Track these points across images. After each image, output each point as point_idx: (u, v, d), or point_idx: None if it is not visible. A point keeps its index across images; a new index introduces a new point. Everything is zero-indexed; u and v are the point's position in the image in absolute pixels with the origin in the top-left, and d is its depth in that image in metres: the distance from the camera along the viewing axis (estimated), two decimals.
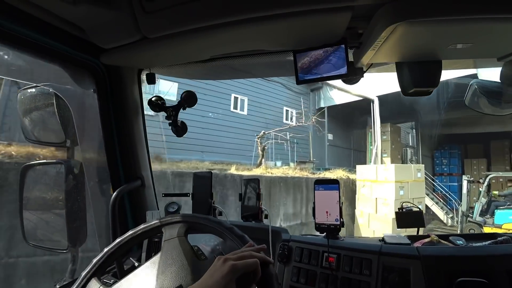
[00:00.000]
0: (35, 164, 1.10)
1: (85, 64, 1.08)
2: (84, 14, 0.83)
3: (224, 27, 0.82)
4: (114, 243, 0.75)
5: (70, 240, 1.03)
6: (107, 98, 1.19)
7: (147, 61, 1.12)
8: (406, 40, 0.76)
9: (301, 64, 0.97)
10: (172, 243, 0.72)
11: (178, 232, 0.74)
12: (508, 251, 0.90)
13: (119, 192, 1.16)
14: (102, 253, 0.73)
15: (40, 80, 1.08)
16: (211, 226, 0.75)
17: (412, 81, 0.91)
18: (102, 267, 0.72)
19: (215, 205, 1.30)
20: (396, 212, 1.19)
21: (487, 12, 0.63)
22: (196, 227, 0.76)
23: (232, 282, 0.56)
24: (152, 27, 0.85)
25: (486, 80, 1.01)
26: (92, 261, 0.72)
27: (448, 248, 1.05)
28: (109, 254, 0.73)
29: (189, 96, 1.20)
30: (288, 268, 1.07)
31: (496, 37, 0.76)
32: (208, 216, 0.78)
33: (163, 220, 0.76)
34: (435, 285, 0.85)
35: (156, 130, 2.62)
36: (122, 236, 0.76)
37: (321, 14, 0.75)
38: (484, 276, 0.82)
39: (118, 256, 0.77)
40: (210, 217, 0.77)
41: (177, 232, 0.74)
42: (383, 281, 0.92)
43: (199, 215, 0.80)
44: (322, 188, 1.11)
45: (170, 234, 0.74)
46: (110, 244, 0.76)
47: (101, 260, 0.72)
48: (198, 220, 0.76)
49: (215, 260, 0.60)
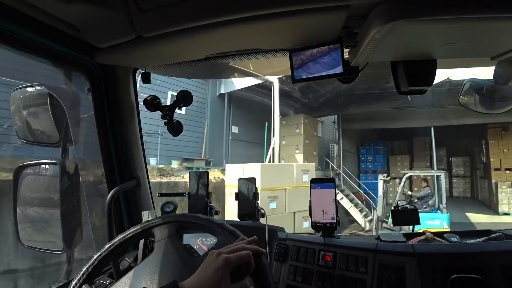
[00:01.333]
0: (29, 165, 1.08)
1: (79, 63, 1.07)
2: (78, 13, 0.82)
3: (220, 26, 0.81)
4: (104, 249, 0.74)
5: (65, 241, 1.02)
6: (102, 97, 1.18)
7: (142, 60, 1.12)
8: (401, 39, 0.77)
9: (297, 63, 0.97)
10: (164, 243, 0.73)
11: (169, 232, 0.74)
12: (502, 247, 0.91)
13: (115, 192, 1.15)
14: (92, 259, 0.72)
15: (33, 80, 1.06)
16: (202, 224, 0.75)
17: (407, 80, 0.91)
18: (93, 274, 0.71)
19: (211, 205, 1.30)
20: (392, 210, 1.20)
21: (481, 11, 0.64)
22: (187, 226, 0.77)
23: (226, 274, 0.57)
24: (147, 26, 0.85)
25: (480, 79, 1.02)
26: (82, 269, 0.71)
27: (443, 245, 1.06)
28: (100, 260, 0.72)
29: (185, 95, 1.20)
30: (285, 267, 1.08)
31: (489, 36, 0.76)
32: (197, 214, 0.79)
33: (152, 222, 0.76)
34: (430, 282, 0.86)
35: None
36: (111, 241, 0.75)
37: (316, 13, 0.76)
38: (478, 273, 0.83)
39: (109, 261, 0.76)
40: (200, 215, 0.77)
41: (168, 232, 0.74)
42: (379, 279, 0.93)
43: (189, 214, 0.80)
44: (318, 187, 1.11)
45: (161, 235, 0.74)
46: (102, 248, 0.75)
47: (91, 267, 0.71)
48: (188, 219, 0.77)
49: (208, 254, 0.60)
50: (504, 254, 0.87)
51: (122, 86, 1.21)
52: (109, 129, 1.22)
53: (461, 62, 1.18)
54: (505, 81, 0.97)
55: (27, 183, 1.09)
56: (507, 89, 0.98)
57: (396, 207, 1.20)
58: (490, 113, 1.06)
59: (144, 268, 0.70)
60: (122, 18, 0.82)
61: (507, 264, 0.84)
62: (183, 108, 1.57)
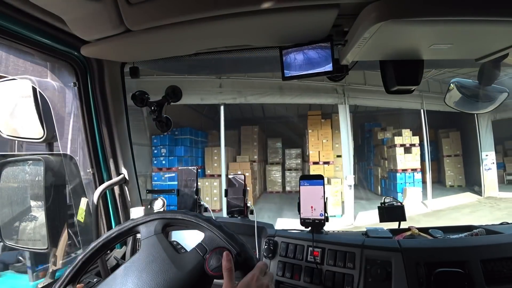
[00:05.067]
0: (12, 161, 1.05)
1: (65, 56, 1.04)
2: (64, 4, 0.79)
3: (210, 21, 0.81)
4: (88, 249, 0.72)
5: (50, 239, 1.00)
6: (88, 92, 1.15)
7: (130, 54, 1.10)
8: (390, 39, 0.78)
9: (287, 61, 0.97)
10: (150, 240, 0.72)
11: (155, 229, 0.73)
12: (482, 242, 0.96)
13: (102, 189, 1.13)
14: (76, 260, 0.71)
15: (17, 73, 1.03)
16: (188, 220, 0.75)
17: (395, 79, 0.93)
18: (77, 274, 0.70)
19: (200, 201, 1.30)
20: (379, 206, 1.23)
21: (466, 14, 0.66)
22: (174, 223, 0.76)
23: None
24: (136, 20, 0.83)
25: (465, 80, 1.05)
26: (65, 272, 0.69)
27: (427, 240, 1.09)
28: (84, 261, 0.71)
29: (173, 90, 1.18)
30: (274, 263, 1.09)
31: (474, 38, 0.79)
32: (185, 210, 0.78)
33: (138, 220, 0.75)
34: (415, 276, 0.89)
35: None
36: (96, 241, 0.73)
37: (307, 11, 0.76)
38: (461, 266, 0.87)
39: (94, 260, 0.74)
40: (187, 211, 0.77)
41: (154, 229, 0.73)
42: (366, 273, 0.95)
43: (176, 210, 0.80)
44: (307, 184, 1.12)
45: (147, 232, 0.73)
46: (87, 248, 0.73)
47: (75, 268, 0.70)
48: (175, 215, 0.76)
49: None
50: (484, 248, 0.91)
51: (110, 80, 1.18)
52: (95, 124, 1.19)
53: (447, 63, 1.21)
54: (489, 82, 1.00)
55: (9, 180, 1.06)
56: (491, 90, 1.02)
57: (383, 204, 1.22)
58: (475, 112, 1.09)
59: (130, 266, 0.70)
60: (110, 11, 0.80)
61: (487, 257, 0.88)
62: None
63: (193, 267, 0.67)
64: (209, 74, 5.92)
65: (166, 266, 0.68)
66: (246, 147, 9.81)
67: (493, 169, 8.87)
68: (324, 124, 8.75)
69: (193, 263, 0.68)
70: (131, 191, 1.30)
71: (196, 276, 0.67)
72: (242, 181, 1.34)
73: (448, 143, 10.27)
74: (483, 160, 8.84)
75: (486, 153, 8.89)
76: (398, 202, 1.23)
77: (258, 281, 0.65)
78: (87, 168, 1.20)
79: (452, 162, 10.17)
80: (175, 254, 0.70)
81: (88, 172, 1.21)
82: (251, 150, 9.70)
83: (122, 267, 0.70)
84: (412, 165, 8.37)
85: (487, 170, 8.82)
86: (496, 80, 0.99)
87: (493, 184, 8.86)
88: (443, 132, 10.49)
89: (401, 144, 8.45)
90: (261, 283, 0.65)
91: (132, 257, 0.72)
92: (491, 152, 8.94)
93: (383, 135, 9.64)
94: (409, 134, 8.53)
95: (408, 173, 8.31)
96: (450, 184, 10.04)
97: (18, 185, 1.06)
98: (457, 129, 10.32)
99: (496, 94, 1.03)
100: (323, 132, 8.64)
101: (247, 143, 9.86)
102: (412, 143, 8.47)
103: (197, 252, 0.70)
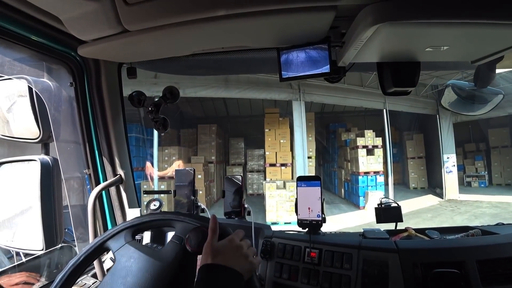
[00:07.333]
0: (7, 162, 1.04)
1: (62, 56, 1.03)
2: (61, 4, 0.79)
3: (207, 22, 0.81)
4: (55, 284, 0.68)
5: (46, 241, 0.99)
6: (85, 92, 1.15)
7: (127, 55, 1.09)
8: (387, 41, 0.79)
9: (285, 62, 0.97)
10: (124, 249, 0.72)
11: (126, 238, 0.74)
12: (478, 243, 0.96)
13: (99, 190, 1.13)
14: (58, 279, 0.68)
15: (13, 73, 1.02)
16: (158, 219, 0.76)
17: (392, 81, 0.94)
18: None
19: (197, 202, 1.29)
20: (376, 207, 1.23)
21: (463, 17, 0.67)
22: (142, 227, 0.78)
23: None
24: (134, 20, 0.83)
25: (461, 82, 1.06)
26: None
27: (424, 241, 1.10)
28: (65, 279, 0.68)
29: (170, 91, 1.18)
30: (271, 264, 1.08)
31: (470, 41, 0.80)
32: (152, 212, 0.79)
33: (104, 236, 0.75)
34: (412, 277, 0.89)
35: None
36: (61, 272, 0.69)
37: (305, 13, 0.76)
38: (457, 267, 0.87)
39: (74, 279, 0.71)
40: (154, 212, 0.77)
41: (125, 239, 0.74)
42: (363, 274, 0.95)
43: (143, 215, 0.81)
44: (305, 185, 1.12)
45: (119, 243, 0.73)
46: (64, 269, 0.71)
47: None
48: (142, 220, 0.77)
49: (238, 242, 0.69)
50: (480, 249, 0.92)
51: (107, 80, 1.18)
52: (92, 125, 1.18)
53: (444, 65, 1.22)
54: (484, 85, 1.01)
55: (5, 181, 1.05)
56: (486, 92, 1.02)
57: (380, 205, 1.23)
58: (470, 114, 1.10)
59: (111, 278, 0.69)
60: (108, 11, 0.80)
61: (483, 258, 0.89)
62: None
63: (175, 256, 0.70)
64: (206, 75, 5.91)
65: (148, 264, 0.68)
66: (203, 147, 9.19)
67: (454, 171, 8.98)
68: (282, 122, 8.35)
69: (174, 252, 0.70)
70: (128, 191, 1.29)
71: (180, 262, 0.70)
72: (240, 182, 1.34)
73: (412, 145, 10.35)
74: (444, 162, 8.92)
75: (447, 155, 8.97)
76: (395, 203, 1.24)
77: (232, 242, 0.69)
78: (83, 169, 1.19)
79: (415, 164, 10.25)
80: (153, 252, 0.72)
81: (85, 172, 1.20)
82: (208, 151, 9.13)
83: (104, 280, 0.70)
84: (375, 168, 8.14)
85: (448, 173, 8.90)
86: (491, 82, 1.00)
87: (454, 187, 8.95)
88: (407, 134, 10.56)
89: (364, 145, 8.25)
90: (237, 245, 0.69)
91: (110, 270, 0.71)
92: (452, 154, 9.03)
93: (347, 136, 9.46)
94: (372, 135, 8.32)
95: (370, 175, 8.11)
96: (413, 186, 10.14)
97: (13, 186, 1.05)
98: (421, 131, 10.37)
99: (491, 96, 1.04)
100: (281, 131, 8.21)
101: (205, 143, 9.22)
102: (375, 144, 8.28)
103: (173, 242, 0.72)
